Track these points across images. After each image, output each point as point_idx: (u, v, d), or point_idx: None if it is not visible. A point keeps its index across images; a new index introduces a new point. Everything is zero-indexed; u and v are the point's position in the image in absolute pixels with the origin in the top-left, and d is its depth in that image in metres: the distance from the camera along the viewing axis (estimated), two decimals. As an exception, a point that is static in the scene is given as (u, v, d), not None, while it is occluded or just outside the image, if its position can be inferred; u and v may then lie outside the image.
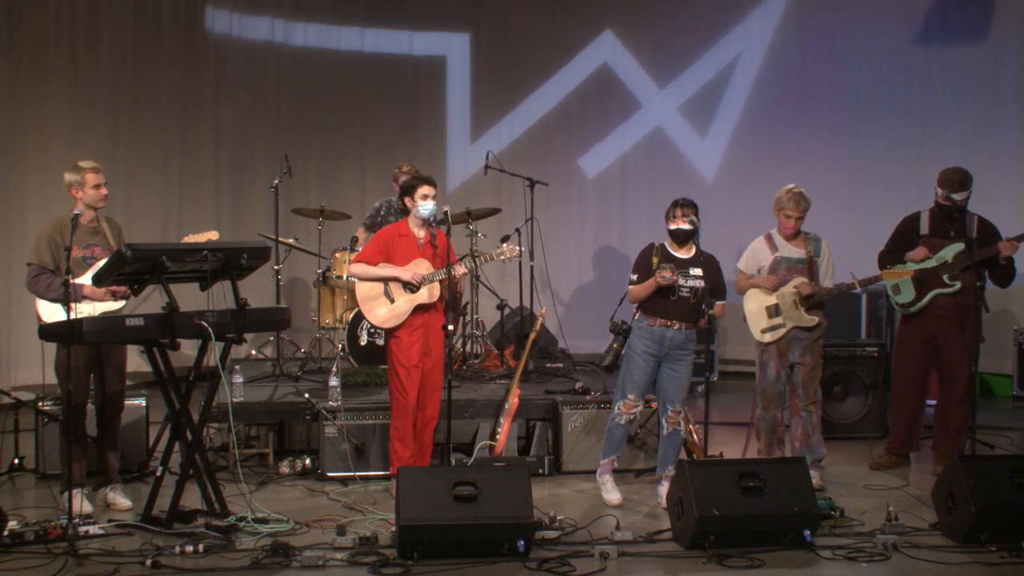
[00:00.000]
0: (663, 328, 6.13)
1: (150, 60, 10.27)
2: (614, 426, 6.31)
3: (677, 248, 6.20)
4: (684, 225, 6.14)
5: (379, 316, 6.37)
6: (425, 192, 6.33)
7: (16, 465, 6.86)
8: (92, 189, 6.06)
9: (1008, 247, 6.64)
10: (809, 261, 6.56)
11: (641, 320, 6.20)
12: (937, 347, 6.93)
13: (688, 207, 6.16)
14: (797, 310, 6.51)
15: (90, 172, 6.08)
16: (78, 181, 6.06)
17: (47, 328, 5.66)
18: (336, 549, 5.29)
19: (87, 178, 6.06)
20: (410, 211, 6.40)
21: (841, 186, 10.40)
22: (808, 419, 6.56)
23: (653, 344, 6.15)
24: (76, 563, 5.08)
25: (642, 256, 6.25)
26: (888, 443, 7.22)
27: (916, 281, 6.88)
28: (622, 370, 6.28)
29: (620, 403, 6.26)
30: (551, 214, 10.68)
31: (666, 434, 6.27)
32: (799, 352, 6.55)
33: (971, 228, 6.84)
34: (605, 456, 6.35)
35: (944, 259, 6.81)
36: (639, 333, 6.19)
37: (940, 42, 10.26)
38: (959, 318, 6.82)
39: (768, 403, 6.63)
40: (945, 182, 6.81)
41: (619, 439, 6.35)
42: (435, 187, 6.39)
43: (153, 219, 10.23)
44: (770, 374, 6.62)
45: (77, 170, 6.08)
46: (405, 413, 6.32)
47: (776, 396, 6.61)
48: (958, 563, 5.19)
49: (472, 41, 11.56)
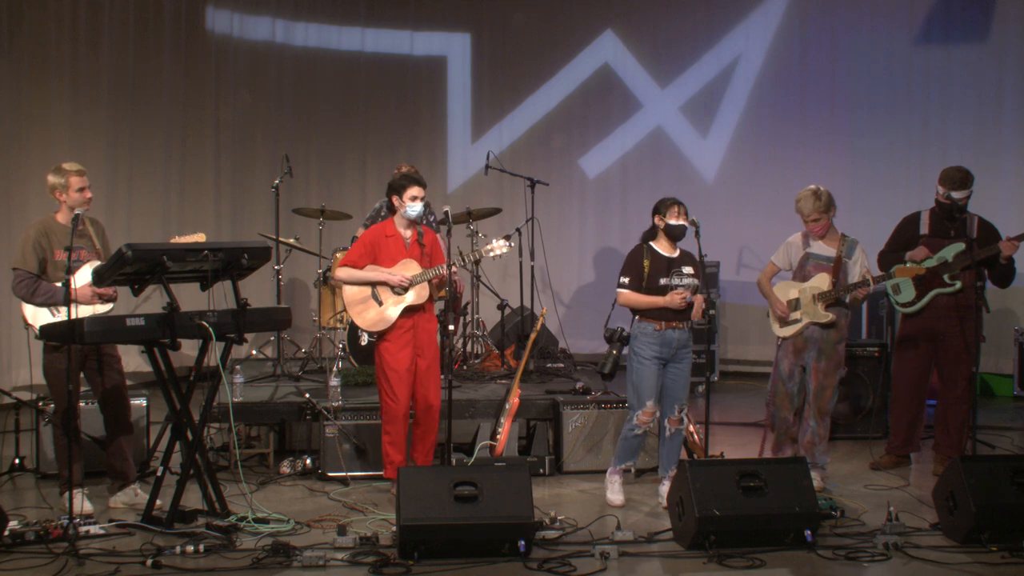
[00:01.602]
0: (670, 331, 6.12)
1: (151, 60, 10.27)
2: (631, 436, 6.24)
3: (667, 247, 6.19)
4: (683, 222, 6.13)
5: (368, 319, 6.33)
6: (414, 193, 6.25)
7: (17, 465, 6.87)
8: (76, 192, 6.01)
9: (1009, 247, 6.63)
10: (838, 259, 6.45)
11: (645, 326, 6.14)
12: (938, 347, 6.93)
13: (684, 206, 6.16)
14: (814, 305, 6.44)
15: (74, 175, 6.02)
16: (62, 184, 6.01)
17: (48, 328, 5.65)
18: (337, 549, 5.28)
19: (71, 181, 6.00)
20: (396, 210, 6.35)
21: (842, 186, 10.35)
22: (815, 429, 6.46)
23: (662, 348, 6.13)
24: (77, 563, 5.08)
25: (633, 259, 6.19)
26: (889, 443, 7.22)
27: (916, 281, 6.87)
28: (632, 379, 6.18)
29: (639, 413, 6.17)
30: (552, 214, 10.69)
31: (669, 435, 6.25)
32: (815, 355, 6.44)
33: (971, 228, 6.84)
34: (619, 463, 6.29)
35: (944, 259, 6.81)
36: (645, 339, 6.14)
37: (941, 42, 10.26)
38: (959, 318, 6.81)
39: (780, 402, 6.59)
40: (946, 180, 6.81)
41: (635, 448, 6.31)
42: (424, 188, 6.31)
43: (153, 219, 10.24)
44: (783, 371, 6.57)
45: (61, 172, 6.02)
46: (396, 418, 6.28)
47: (787, 396, 6.56)
48: (959, 563, 5.19)
49: (473, 41, 11.56)
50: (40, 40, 9.54)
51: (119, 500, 6.15)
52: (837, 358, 6.47)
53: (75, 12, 9.74)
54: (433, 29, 11.50)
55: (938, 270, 6.82)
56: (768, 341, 10.77)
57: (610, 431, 6.92)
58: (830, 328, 6.43)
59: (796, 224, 6.67)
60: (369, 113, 11.36)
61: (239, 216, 10.75)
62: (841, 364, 6.50)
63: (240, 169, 10.84)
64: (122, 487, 6.19)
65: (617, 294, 6.20)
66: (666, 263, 6.14)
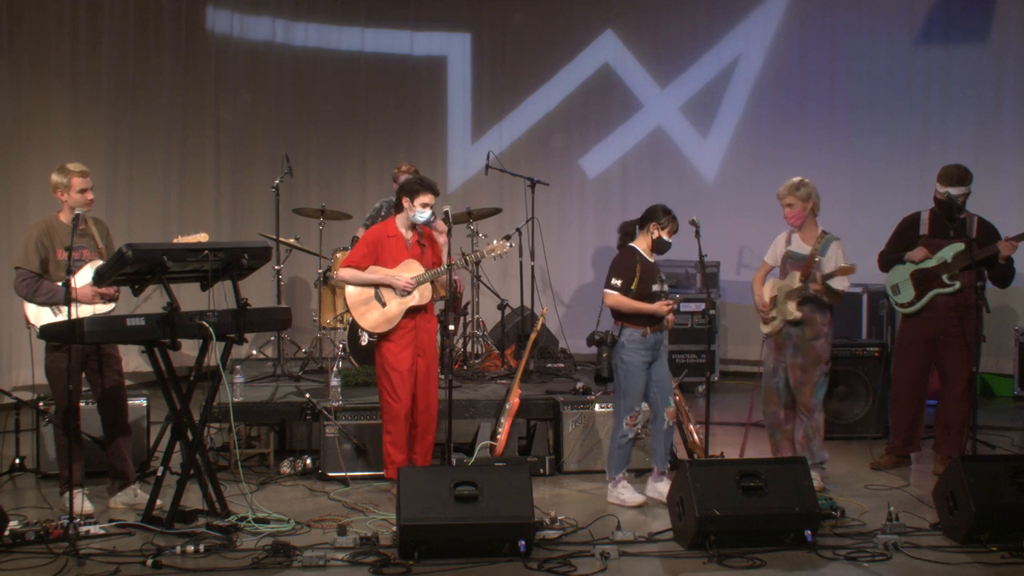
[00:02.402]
0: (652, 335, 6.21)
1: (151, 60, 10.26)
2: (624, 442, 6.27)
3: (649, 254, 6.28)
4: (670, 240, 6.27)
5: (371, 321, 6.34)
6: (426, 200, 6.26)
7: (17, 465, 6.87)
8: (78, 193, 6.01)
9: (1008, 247, 6.64)
10: (810, 257, 6.47)
11: (633, 333, 6.19)
12: (937, 347, 6.93)
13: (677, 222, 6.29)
14: (785, 304, 6.48)
15: (77, 176, 6.01)
16: (64, 184, 6.01)
17: (48, 328, 5.65)
18: (337, 549, 5.28)
19: (73, 181, 6.00)
20: (403, 209, 6.35)
21: (842, 186, 10.39)
22: (807, 424, 6.49)
23: (649, 352, 6.23)
24: (77, 563, 5.08)
25: (625, 262, 6.23)
26: (889, 443, 7.22)
27: (916, 281, 6.88)
28: (622, 386, 6.24)
29: (627, 418, 6.25)
30: (552, 214, 10.69)
31: (666, 427, 6.31)
32: (791, 351, 6.50)
33: (971, 228, 6.85)
34: (618, 471, 6.28)
35: (944, 259, 6.82)
36: (634, 346, 6.19)
37: (941, 42, 10.26)
38: (959, 318, 6.82)
39: (767, 398, 6.63)
40: (944, 177, 6.83)
41: (629, 452, 6.35)
42: (437, 196, 6.35)
43: (153, 219, 10.23)
44: (768, 368, 6.62)
45: (64, 172, 6.02)
46: (397, 417, 6.28)
47: (773, 392, 6.58)
48: (959, 563, 5.19)
49: (473, 41, 11.57)
50: (40, 40, 9.54)
51: (119, 500, 6.15)
52: (814, 354, 6.46)
53: (75, 12, 9.74)
54: (433, 29, 11.50)
55: (937, 270, 6.82)
56: (768, 341, 10.84)
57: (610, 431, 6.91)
58: (803, 325, 6.45)
59: (796, 224, 6.67)
60: (369, 113, 11.36)
61: (239, 216, 10.75)
62: (821, 360, 6.47)
63: (240, 169, 10.84)
64: (122, 487, 6.19)
65: (605, 295, 6.22)
66: (653, 269, 6.18)
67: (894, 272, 7.04)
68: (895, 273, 7.03)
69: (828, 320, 6.51)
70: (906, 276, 6.94)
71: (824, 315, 6.50)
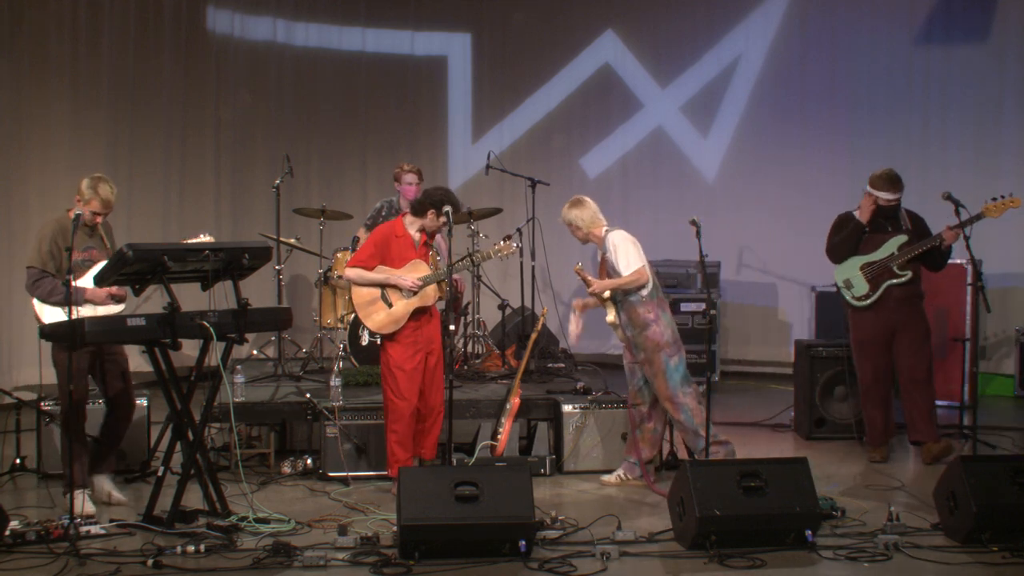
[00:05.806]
0: None
1: (151, 60, 10.26)
2: None
3: None
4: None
5: (377, 321, 6.34)
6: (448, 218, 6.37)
7: (18, 465, 6.86)
8: (91, 213, 5.99)
9: (951, 235, 6.95)
10: (602, 258, 6.67)
11: None
12: (895, 336, 7.14)
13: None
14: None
15: (98, 201, 5.95)
16: (86, 198, 5.97)
17: (48, 329, 5.66)
18: (338, 549, 5.29)
19: (93, 204, 5.96)
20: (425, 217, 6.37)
21: (842, 186, 10.35)
22: (670, 416, 6.55)
23: None
24: (78, 563, 5.08)
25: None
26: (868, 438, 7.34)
27: (867, 274, 7.13)
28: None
29: None
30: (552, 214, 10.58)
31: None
32: (635, 349, 6.58)
33: (905, 220, 7.20)
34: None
35: (891, 251, 7.10)
36: None
37: (941, 42, 10.25)
38: (912, 306, 7.12)
39: (632, 399, 6.70)
40: (878, 184, 7.12)
41: None
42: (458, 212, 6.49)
43: (153, 219, 10.23)
44: (627, 370, 6.72)
45: (94, 190, 5.95)
46: (403, 416, 6.29)
47: (636, 391, 6.65)
48: (960, 563, 5.19)
49: (473, 41, 11.57)
50: (40, 40, 9.53)
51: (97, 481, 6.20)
52: (650, 344, 6.47)
53: (75, 12, 9.73)
54: (433, 29, 11.50)
55: (887, 261, 7.08)
56: (769, 341, 10.85)
57: (610, 431, 6.92)
58: (629, 324, 6.51)
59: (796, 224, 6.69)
60: (369, 113, 11.35)
61: (239, 216, 10.74)
62: (660, 347, 6.44)
63: (240, 169, 10.83)
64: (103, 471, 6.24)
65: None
66: None
67: (843, 268, 7.24)
68: (844, 269, 7.23)
69: (651, 307, 6.49)
70: (856, 271, 7.17)
71: (645, 305, 6.48)
